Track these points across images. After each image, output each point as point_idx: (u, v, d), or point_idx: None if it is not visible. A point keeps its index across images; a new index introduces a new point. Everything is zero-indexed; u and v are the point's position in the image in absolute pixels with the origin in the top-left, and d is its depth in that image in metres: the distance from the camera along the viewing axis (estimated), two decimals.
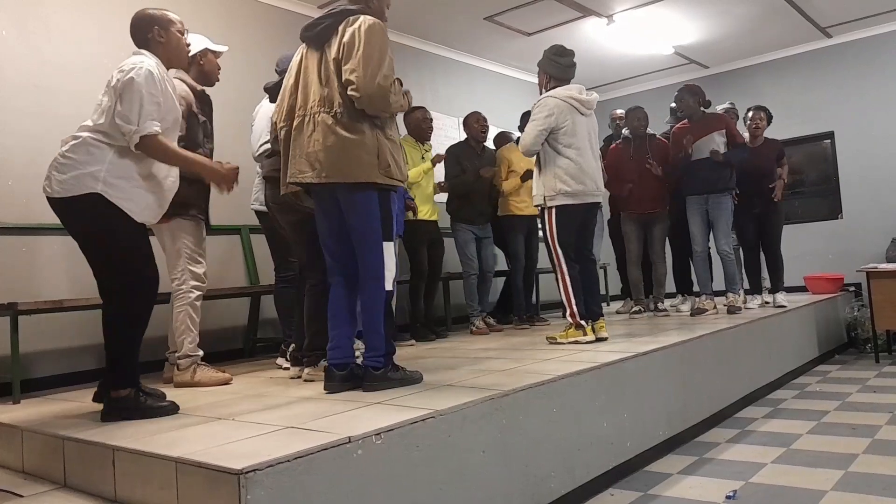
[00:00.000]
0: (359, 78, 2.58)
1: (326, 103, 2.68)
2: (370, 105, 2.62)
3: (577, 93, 3.95)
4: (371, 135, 2.65)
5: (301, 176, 2.70)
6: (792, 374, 4.98)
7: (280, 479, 1.69)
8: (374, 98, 2.59)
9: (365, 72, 2.58)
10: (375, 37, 2.63)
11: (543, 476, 2.49)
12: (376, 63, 2.59)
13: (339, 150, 2.62)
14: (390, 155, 2.68)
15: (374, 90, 2.58)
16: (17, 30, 4.03)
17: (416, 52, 6.73)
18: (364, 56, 2.59)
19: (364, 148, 2.63)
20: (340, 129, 2.63)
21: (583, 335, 3.82)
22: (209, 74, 3.60)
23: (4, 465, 2.63)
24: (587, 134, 3.96)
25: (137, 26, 2.79)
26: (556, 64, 4.01)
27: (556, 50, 4.03)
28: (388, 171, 2.67)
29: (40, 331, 3.88)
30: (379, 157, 2.65)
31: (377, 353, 2.68)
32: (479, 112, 5.47)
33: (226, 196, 2.93)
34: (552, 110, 3.86)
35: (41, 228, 3.97)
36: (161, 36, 2.78)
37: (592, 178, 3.93)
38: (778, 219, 5.60)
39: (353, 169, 2.62)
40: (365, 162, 2.63)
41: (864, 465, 2.85)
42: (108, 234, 2.59)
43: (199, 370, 3.33)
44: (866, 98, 7.29)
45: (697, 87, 5.32)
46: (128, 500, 2.01)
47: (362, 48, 2.60)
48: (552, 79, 4.01)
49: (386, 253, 2.69)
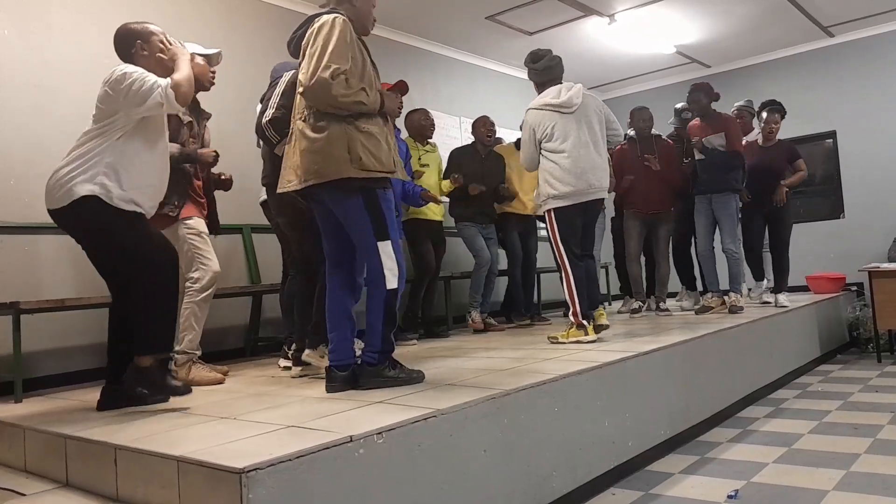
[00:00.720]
0: (304, 74, 2.60)
1: (298, 111, 2.70)
2: (313, 98, 2.59)
3: (553, 97, 3.92)
4: (338, 129, 2.59)
5: (288, 185, 2.72)
6: (794, 373, 4.97)
7: (281, 479, 1.69)
8: (315, 90, 2.55)
9: (308, 66, 2.58)
10: (324, 32, 2.60)
11: (545, 475, 2.48)
12: (319, 56, 2.57)
13: (309, 152, 2.62)
14: (362, 147, 2.59)
15: (315, 83, 2.54)
16: (17, 29, 4.03)
17: (417, 51, 6.72)
18: (310, 53, 2.60)
19: (331, 143, 2.58)
20: (309, 131, 2.63)
21: (584, 335, 3.82)
22: (198, 79, 3.54)
23: (6, 463, 2.64)
24: (577, 130, 3.85)
25: (120, 41, 2.89)
26: (533, 71, 4.09)
27: (530, 58, 4.11)
28: (362, 164, 2.58)
29: (42, 330, 3.88)
30: (350, 150, 2.58)
31: (373, 349, 2.69)
32: (488, 116, 5.48)
33: (227, 196, 2.95)
34: (531, 125, 3.96)
35: (43, 228, 3.97)
36: (144, 49, 2.88)
37: (585, 177, 3.82)
38: (787, 219, 5.58)
39: (325, 167, 2.59)
40: (335, 157, 2.58)
41: (865, 465, 2.84)
42: (108, 234, 2.68)
43: (194, 368, 3.37)
44: (868, 97, 7.28)
45: (707, 84, 5.29)
46: (129, 499, 2.01)
47: (311, 46, 2.61)
48: (538, 86, 4.09)
49: (383, 252, 2.65)
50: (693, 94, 5.25)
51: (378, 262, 2.65)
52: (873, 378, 4.81)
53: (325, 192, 2.66)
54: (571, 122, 3.87)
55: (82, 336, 4.07)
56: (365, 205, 2.64)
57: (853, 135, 7.39)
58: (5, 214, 3.87)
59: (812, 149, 7.77)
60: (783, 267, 5.61)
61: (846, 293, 6.64)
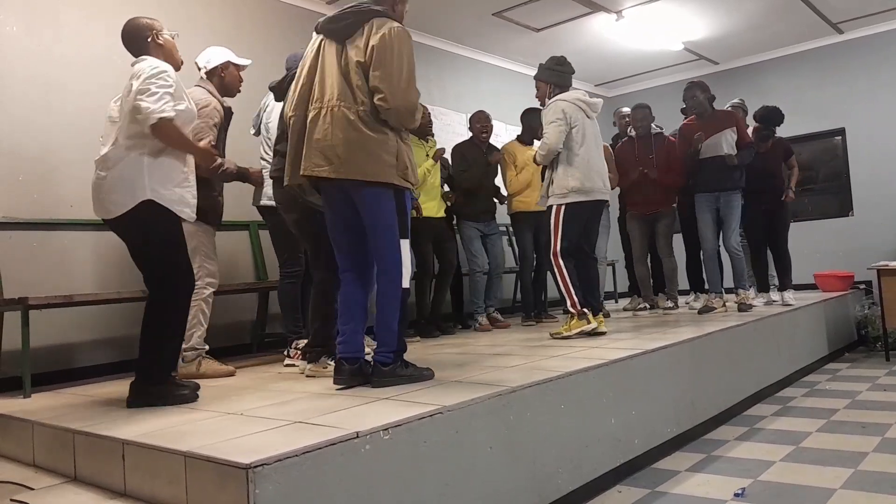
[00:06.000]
0: (388, 89, 2.58)
1: (348, 99, 2.65)
2: (397, 118, 2.63)
3: (583, 96, 4.16)
4: (393, 136, 2.66)
5: (318, 170, 2.66)
6: (801, 371, 4.95)
7: (288, 474, 1.70)
8: (402, 113, 2.62)
9: (396, 85, 2.59)
10: (405, 48, 2.64)
11: (550, 472, 2.48)
12: (406, 78, 2.62)
13: (360, 146, 2.61)
14: (407, 158, 2.70)
15: (404, 105, 2.60)
16: (26, 26, 4.05)
17: (423, 47, 6.70)
18: (396, 68, 2.60)
19: (386, 148, 2.63)
20: (363, 126, 2.62)
21: (587, 323, 3.89)
22: (229, 86, 3.69)
23: (15, 458, 2.66)
24: (593, 136, 4.14)
25: (133, 34, 2.89)
26: (558, 73, 4.22)
27: (557, 60, 4.26)
28: (405, 174, 2.68)
29: (51, 325, 3.90)
30: (398, 158, 2.65)
31: (388, 349, 2.68)
32: (484, 111, 5.45)
33: (236, 193, 2.96)
34: (565, 110, 4.04)
35: (52, 224, 4.00)
36: (158, 38, 2.90)
37: (601, 176, 4.11)
38: (785, 216, 5.60)
39: (373, 167, 2.61)
40: (385, 162, 2.63)
41: (873, 464, 2.83)
42: (166, 235, 2.74)
43: (203, 363, 3.46)
44: (877, 94, 7.24)
45: (702, 81, 5.30)
46: (137, 494, 2.02)
47: (394, 59, 2.60)
48: (555, 87, 4.21)
49: (403, 250, 2.68)
50: (689, 90, 5.23)
51: (398, 260, 2.66)
52: (881, 376, 4.79)
53: (357, 189, 2.66)
54: (590, 126, 4.12)
55: (91, 331, 4.10)
56: (396, 204, 2.68)
57: (862, 132, 7.34)
58: (14, 210, 3.89)
59: (821, 146, 7.73)
60: (785, 265, 5.60)
61: (854, 291, 6.60)
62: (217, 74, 3.63)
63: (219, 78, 3.64)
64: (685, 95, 5.30)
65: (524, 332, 4.78)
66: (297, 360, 3.60)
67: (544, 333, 4.44)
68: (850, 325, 6.25)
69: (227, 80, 3.66)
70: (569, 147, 4.03)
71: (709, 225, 5.20)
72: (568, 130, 4.03)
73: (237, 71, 3.70)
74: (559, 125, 4.02)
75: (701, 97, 5.16)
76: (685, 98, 5.31)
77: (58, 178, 4.05)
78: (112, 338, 4.16)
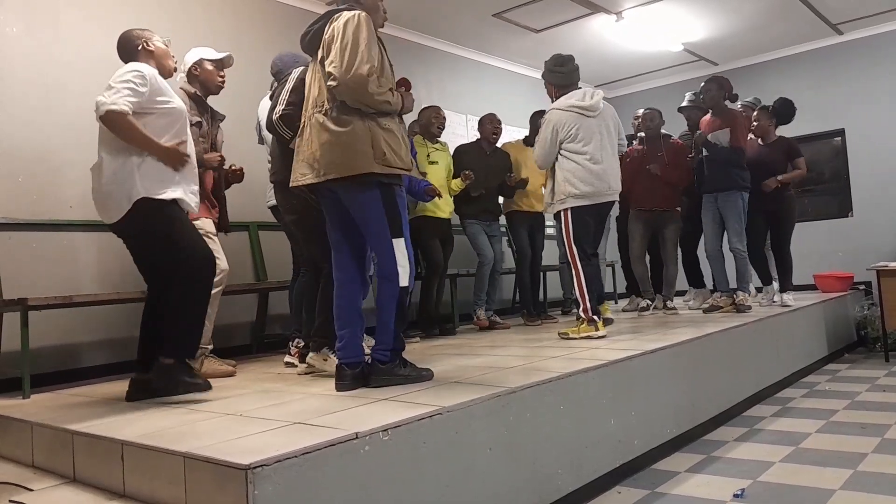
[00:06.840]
0: (336, 68, 2.59)
1: (318, 104, 2.70)
2: (349, 94, 2.59)
3: (579, 99, 4.08)
4: (362, 125, 2.61)
5: (302, 179, 2.71)
6: (801, 372, 4.95)
7: (287, 475, 1.70)
8: (352, 86, 2.57)
9: (341, 61, 2.57)
10: (352, 27, 2.61)
11: (550, 473, 2.48)
12: (352, 52, 2.57)
13: (332, 145, 2.61)
14: (385, 143, 2.63)
15: (351, 79, 2.55)
16: (26, 26, 4.05)
17: (423, 48, 6.71)
18: (341, 47, 2.59)
19: (356, 138, 2.60)
20: (331, 124, 2.62)
21: (595, 330, 3.90)
22: (206, 84, 3.64)
23: (15, 459, 2.66)
24: (599, 134, 4.04)
25: (124, 44, 3.00)
26: (558, 74, 4.18)
27: (555, 61, 4.21)
28: (385, 160, 2.62)
29: (50, 326, 3.90)
30: (374, 146, 2.61)
31: (385, 347, 2.69)
32: (495, 114, 5.48)
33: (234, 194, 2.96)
34: (554, 125, 4.04)
35: (52, 224, 4.00)
36: (149, 45, 2.98)
37: (605, 178, 4.02)
38: (789, 217, 5.51)
39: (350, 161, 2.59)
40: (359, 152, 2.59)
41: (873, 465, 2.83)
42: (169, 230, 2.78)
43: (206, 361, 3.46)
44: (877, 95, 7.23)
45: (725, 78, 5.22)
46: (136, 495, 2.02)
47: (339, 40, 2.61)
48: (558, 87, 4.18)
49: (397, 250, 2.66)
50: (707, 83, 5.19)
51: (392, 259, 2.65)
52: (881, 377, 4.79)
53: (342, 188, 2.66)
54: (594, 125, 4.06)
55: (90, 332, 4.10)
56: (383, 201, 2.65)
57: (862, 133, 7.34)
58: (14, 211, 3.89)
59: (820, 147, 7.73)
60: (786, 266, 5.56)
61: (854, 292, 6.60)
62: (192, 74, 3.61)
63: (194, 77, 3.61)
64: (703, 88, 5.25)
65: (524, 333, 4.78)
66: (296, 359, 3.60)
67: (544, 334, 4.45)
68: (849, 326, 6.25)
69: (202, 77, 3.61)
70: (572, 150, 4.00)
71: (710, 225, 5.21)
72: (556, 142, 4.02)
73: (212, 66, 3.63)
74: (545, 143, 4.05)
75: (714, 93, 5.11)
76: (702, 91, 5.27)
77: (58, 179, 4.05)
78: (111, 339, 4.16)
